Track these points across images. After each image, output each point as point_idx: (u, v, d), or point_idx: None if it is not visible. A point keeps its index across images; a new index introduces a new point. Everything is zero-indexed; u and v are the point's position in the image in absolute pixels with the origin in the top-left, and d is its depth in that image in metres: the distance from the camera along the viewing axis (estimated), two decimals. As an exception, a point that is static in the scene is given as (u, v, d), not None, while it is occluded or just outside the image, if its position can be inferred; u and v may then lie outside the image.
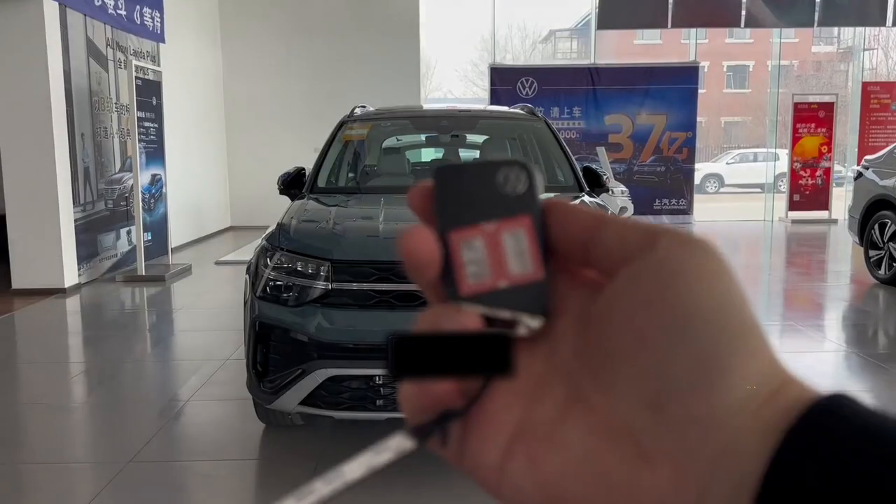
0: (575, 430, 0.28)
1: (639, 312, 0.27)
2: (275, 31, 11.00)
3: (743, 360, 0.26)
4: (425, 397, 0.29)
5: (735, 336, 0.26)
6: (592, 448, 0.28)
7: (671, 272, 0.27)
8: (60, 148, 6.30)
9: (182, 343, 4.94)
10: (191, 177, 9.60)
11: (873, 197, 6.69)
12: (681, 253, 0.28)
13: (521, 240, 0.30)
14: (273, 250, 2.97)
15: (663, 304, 0.27)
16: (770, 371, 0.27)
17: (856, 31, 13.50)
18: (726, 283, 0.27)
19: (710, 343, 0.26)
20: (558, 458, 0.28)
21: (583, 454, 0.28)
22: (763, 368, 0.26)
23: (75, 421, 3.54)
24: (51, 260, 6.28)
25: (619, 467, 0.27)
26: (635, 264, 0.28)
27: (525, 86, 11.07)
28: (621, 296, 0.28)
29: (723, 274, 0.28)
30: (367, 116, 4.38)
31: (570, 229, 0.30)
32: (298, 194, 3.83)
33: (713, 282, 0.27)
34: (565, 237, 0.30)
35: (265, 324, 2.82)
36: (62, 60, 6.36)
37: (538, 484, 0.28)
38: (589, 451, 0.28)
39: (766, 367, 0.27)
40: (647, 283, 0.27)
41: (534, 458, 0.28)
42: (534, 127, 4.36)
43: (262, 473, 2.92)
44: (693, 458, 0.26)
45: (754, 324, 0.27)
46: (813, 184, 11.45)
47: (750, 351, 0.26)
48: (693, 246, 0.28)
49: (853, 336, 5.15)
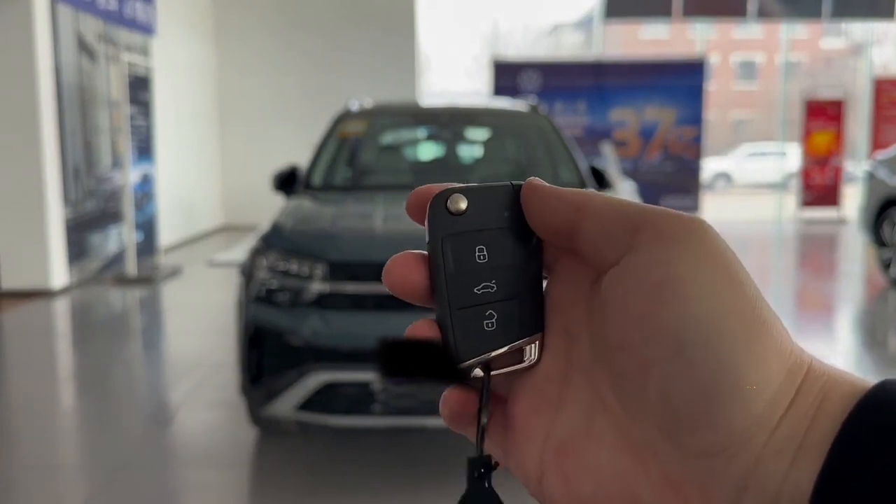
0: (603, 449, 0.28)
1: (632, 331, 0.27)
2: (269, 24, 10.90)
3: (750, 372, 0.25)
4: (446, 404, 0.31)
5: (738, 347, 0.25)
6: (622, 470, 0.28)
7: (657, 282, 0.26)
8: (49, 145, 6.19)
9: (173, 347, 4.87)
10: (183, 174, 9.52)
11: (885, 195, 6.56)
12: (666, 250, 0.26)
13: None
14: (267, 250, 2.90)
15: (654, 322, 0.26)
16: (784, 371, 0.25)
17: (865, 26, 13.35)
18: (722, 280, 0.26)
19: (709, 367, 0.25)
20: (590, 480, 0.28)
21: (613, 475, 0.28)
22: (775, 374, 0.25)
23: (64, 426, 3.47)
24: (39, 261, 6.18)
25: (649, 492, 0.27)
26: (620, 269, 0.27)
27: (528, 80, 10.94)
28: (613, 308, 0.27)
29: (718, 267, 0.26)
30: (365, 112, 4.28)
31: (548, 220, 0.29)
32: (293, 192, 3.74)
33: (706, 282, 0.25)
34: (545, 228, 0.30)
35: (259, 327, 2.76)
36: (52, 55, 6.26)
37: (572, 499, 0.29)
38: (619, 472, 0.28)
39: (779, 370, 0.25)
40: (634, 298, 0.26)
41: (567, 478, 0.29)
42: (536, 123, 4.26)
43: (254, 481, 2.85)
44: (719, 484, 0.25)
45: (760, 321, 0.25)
46: (823, 181, 11.33)
47: (758, 359, 0.25)
48: (680, 236, 0.26)
49: (865, 339, 5.04)
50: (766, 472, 0.24)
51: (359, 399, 2.64)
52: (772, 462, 0.24)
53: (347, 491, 2.66)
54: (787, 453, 0.24)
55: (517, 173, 4.21)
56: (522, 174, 4.17)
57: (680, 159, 11.24)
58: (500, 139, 4.47)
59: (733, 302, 0.25)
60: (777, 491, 0.24)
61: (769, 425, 0.25)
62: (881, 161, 6.83)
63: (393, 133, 4.77)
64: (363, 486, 2.70)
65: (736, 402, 0.25)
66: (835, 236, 9.96)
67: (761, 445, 0.25)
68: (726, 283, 0.25)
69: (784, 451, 0.24)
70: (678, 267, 0.26)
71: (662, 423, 0.26)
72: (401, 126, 4.78)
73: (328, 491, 2.66)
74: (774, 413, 0.25)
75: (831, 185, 11.36)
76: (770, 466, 0.24)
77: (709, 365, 0.25)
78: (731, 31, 28.32)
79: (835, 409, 0.24)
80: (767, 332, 0.25)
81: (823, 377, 0.26)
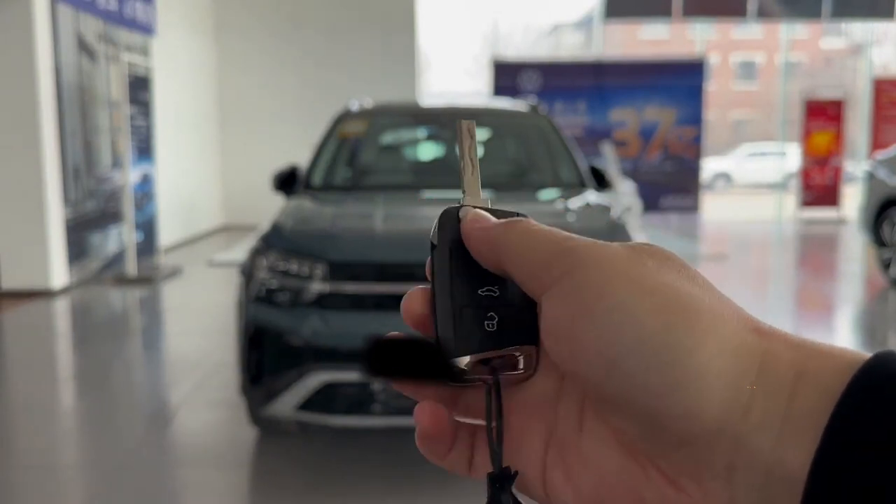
0: (598, 445, 0.29)
1: (568, 357, 0.28)
2: (270, 24, 10.89)
3: (691, 360, 0.25)
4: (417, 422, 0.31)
5: (668, 343, 0.26)
6: (623, 467, 0.28)
7: (572, 312, 0.28)
8: (49, 145, 6.19)
9: (173, 347, 4.86)
10: (183, 174, 9.51)
11: (885, 195, 6.56)
12: (575, 283, 0.28)
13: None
14: (267, 250, 2.90)
15: (581, 346, 0.27)
16: (733, 348, 0.26)
17: (865, 26, 13.34)
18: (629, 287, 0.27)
19: (646, 370, 0.26)
20: (592, 476, 0.29)
21: (615, 472, 0.29)
22: (719, 353, 0.26)
23: (64, 426, 3.47)
24: (39, 261, 6.17)
25: (651, 489, 0.27)
26: (544, 305, 0.29)
27: (528, 80, 10.93)
28: (549, 336, 0.29)
29: (621, 282, 0.27)
30: (365, 112, 4.28)
31: (483, 262, 0.31)
32: (293, 192, 3.74)
33: (616, 297, 0.27)
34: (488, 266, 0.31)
35: (259, 327, 2.75)
36: (52, 55, 6.25)
37: (578, 499, 0.29)
38: (620, 469, 0.28)
39: (724, 349, 0.26)
40: (559, 327, 0.28)
41: (569, 473, 0.30)
42: (536, 123, 4.26)
43: (254, 481, 2.85)
44: (707, 469, 0.26)
45: (681, 311, 0.26)
46: (823, 181, 11.33)
47: (694, 345, 0.26)
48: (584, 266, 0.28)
49: (865, 339, 5.03)
50: (752, 448, 0.25)
51: (359, 399, 2.64)
52: (756, 438, 0.25)
53: (347, 491, 2.66)
54: (772, 428, 0.24)
55: (517, 173, 4.21)
56: (522, 174, 4.17)
57: (680, 159, 11.23)
58: (500, 139, 4.47)
59: (645, 303, 0.26)
60: (768, 465, 0.24)
61: (739, 402, 0.25)
62: (881, 161, 6.82)
63: (393, 133, 4.77)
64: (363, 486, 2.70)
65: (689, 390, 0.25)
66: (835, 236, 9.95)
67: (737, 423, 0.25)
68: (634, 290, 0.27)
69: (766, 426, 0.24)
70: (586, 293, 0.27)
71: (638, 422, 0.27)
72: (401, 126, 4.77)
73: (328, 491, 2.65)
74: (739, 391, 0.25)
75: (831, 186, 11.35)
76: (755, 443, 0.24)
77: (644, 369, 0.26)
78: (731, 31, 28.31)
79: (821, 381, 0.24)
80: (696, 319, 0.26)
81: (791, 348, 0.26)
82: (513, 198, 3.53)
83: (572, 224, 3.04)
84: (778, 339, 0.26)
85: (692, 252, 8.19)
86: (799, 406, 0.24)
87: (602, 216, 3.21)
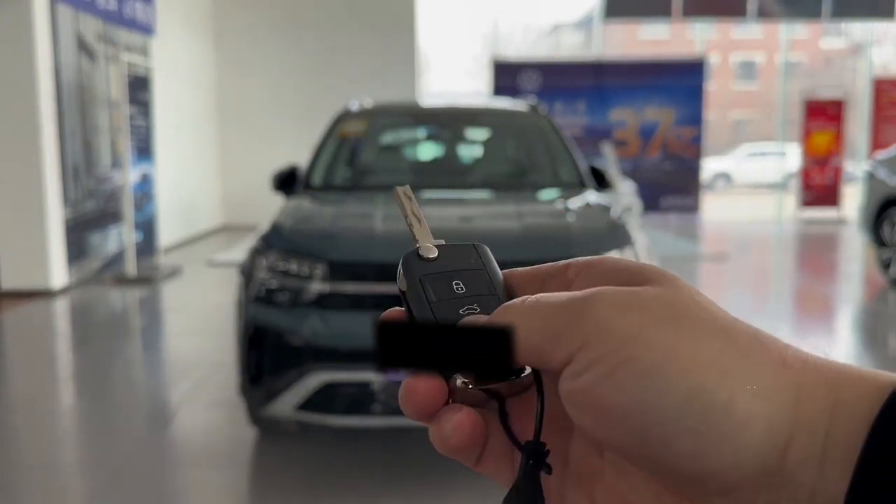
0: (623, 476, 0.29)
1: (596, 428, 0.27)
2: (269, 24, 10.88)
3: (741, 412, 0.25)
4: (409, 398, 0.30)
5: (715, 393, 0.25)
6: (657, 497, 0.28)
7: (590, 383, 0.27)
8: (49, 145, 6.18)
9: (173, 347, 4.86)
10: (183, 174, 9.50)
11: (885, 195, 6.56)
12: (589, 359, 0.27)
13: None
14: (267, 250, 2.90)
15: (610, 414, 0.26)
16: (773, 387, 0.25)
17: (865, 26, 13.33)
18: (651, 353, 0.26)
19: (683, 431, 0.25)
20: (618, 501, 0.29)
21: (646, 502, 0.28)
22: (763, 395, 0.25)
23: (64, 426, 3.46)
24: (39, 261, 6.17)
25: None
26: (563, 381, 0.28)
27: (528, 80, 10.93)
28: (574, 411, 0.28)
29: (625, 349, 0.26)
30: (365, 112, 4.27)
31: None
32: (293, 192, 3.73)
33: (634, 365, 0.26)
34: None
35: (258, 327, 2.75)
36: (52, 55, 6.25)
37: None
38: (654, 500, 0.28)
39: (766, 390, 0.25)
40: (582, 403, 0.27)
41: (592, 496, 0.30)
42: (536, 123, 4.26)
43: (254, 481, 2.85)
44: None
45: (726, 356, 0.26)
46: (823, 181, 11.32)
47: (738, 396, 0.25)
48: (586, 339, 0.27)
49: (865, 339, 5.03)
50: (795, 484, 0.25)
51: (359, 399, 2.63)
52: (798, 475, 0.25)
53: (347, 491, 2.66)
54: (813, 462, 0.24)
55: (517, 173, 4.21)
56: (522, 174, 4.17)
57: (680, 159, 11.23)
58: (499, 139, 4.47)
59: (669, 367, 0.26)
60: (811, 495, 0.24)
61: (778, 443, 0.25)
62: (881, 161, 6.82)
63: (393, 133, 4.76)
64: (363, 486, 2.70)
65: (725, 448, 0.25)
66: (835, 236, 9.95)
67: (778, 463, 0.25)
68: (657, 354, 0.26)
69: (807, 461, 0.24)
70: (607, 362, 0.26)
71: (670, 481, 0.27)
72: (401, 126, 4.77)
73: (328, 491, 2.65)
74: (776, 432, 0.25)
75: (831, 185, 11.35)
76: (798, 479, 0.25)
77: (677, 434, 0.25)
78: (731, 31, 28.31)
79: (856, 409, 0.24)
80: (724, 372, 0.25)
81: (822, 377, 0.26)
82: (513, 198, 3.52)
83: (572, 224, 3.04)
84: (808, 371, 0.26)
85: (692, 252, 8.19)
86: (836, 437, 0.24)
87: (602, 216, 3.21)
